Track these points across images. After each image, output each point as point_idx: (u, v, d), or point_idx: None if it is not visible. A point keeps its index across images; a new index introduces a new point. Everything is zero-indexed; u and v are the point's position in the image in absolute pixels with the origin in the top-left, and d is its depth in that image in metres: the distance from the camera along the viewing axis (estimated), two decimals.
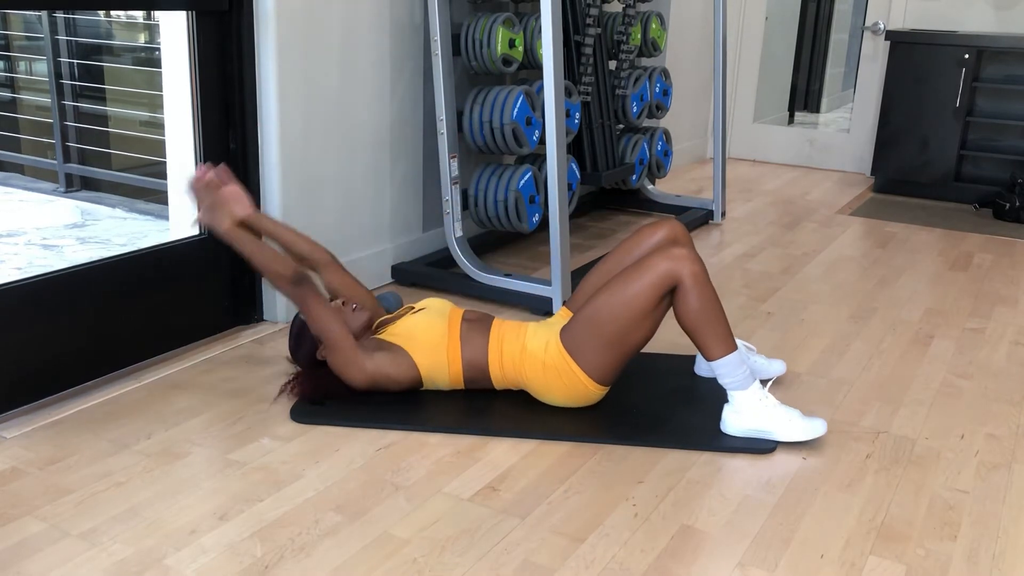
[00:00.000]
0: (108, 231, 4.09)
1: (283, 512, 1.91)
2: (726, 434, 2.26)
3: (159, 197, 4.11)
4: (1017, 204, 4.61)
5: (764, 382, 2.53)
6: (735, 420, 2.24)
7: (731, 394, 2.24)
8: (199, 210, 2.31)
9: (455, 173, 3.26)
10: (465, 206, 3.46)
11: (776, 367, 2.59)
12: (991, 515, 1.99)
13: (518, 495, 2.00)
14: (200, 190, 2.30)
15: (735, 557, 1.81)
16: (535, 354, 2.29)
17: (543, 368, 2.29)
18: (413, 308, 2.46)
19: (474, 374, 2.36)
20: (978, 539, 1.90)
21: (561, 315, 2.45)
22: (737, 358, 2.20)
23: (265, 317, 2.96)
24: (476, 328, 2.37)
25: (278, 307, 2.92)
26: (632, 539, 1.86)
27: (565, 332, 2.27)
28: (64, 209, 4.23)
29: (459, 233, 3.30)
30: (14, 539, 1.79)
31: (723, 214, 4.44)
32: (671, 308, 2.24)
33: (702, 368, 2.59)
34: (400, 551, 1.79)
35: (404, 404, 2.37)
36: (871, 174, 5.26)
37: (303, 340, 2.39)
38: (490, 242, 3.77)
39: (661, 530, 1.89)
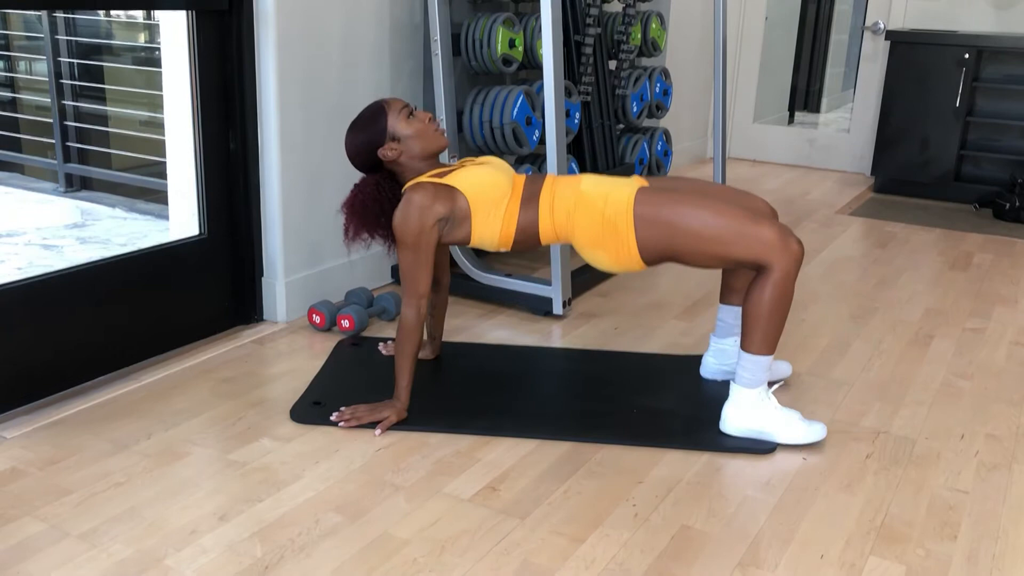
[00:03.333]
0: (108, 231, 4.09)
1: (283, 512, 1.91)
2: (725, 433, 2.26)
3: (159, 197, 4.11)
4: (1017, 204, 4.61)
5: (770, 384, 2.53)
6: (735, 418, 2.24)
7: (735, 389, 2.24)
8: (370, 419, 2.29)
9: None
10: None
11: (782, 369, 2.60)
12: (991, 515, 1.99)
13: (518, 495, 2.00)
14: (353, 422, 2.28)
15: (735, 557, 1.81)
16: (593, 203, 2.19)
17: (601, 220, 2.18)
18: (474, 160, 2.37)
19: (523, 235, 2.28)
20: (978, 539, 1.90)
21: (633, 180, 2.31)
22: (768, 362, 2.20)
23: (265, 317, 2.96)
24: (533, 187, 2.28)
25: (278, 307, 2.92)
26: (632, 539, 1.86)
27: (642, 206, 2.15)
28: (64, 209, 4.23)
29: None
30: (14, 539, 1.79)
31: None
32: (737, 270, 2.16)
33: (708, 370, 2.59)
34: (400, 551, 1.79)
35: None
36: (871, 174, 5.26)
37: (369, 125, 2.28)
38: None
39: (661, 530, 1.89)
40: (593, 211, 2.19)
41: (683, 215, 2.13)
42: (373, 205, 2.32)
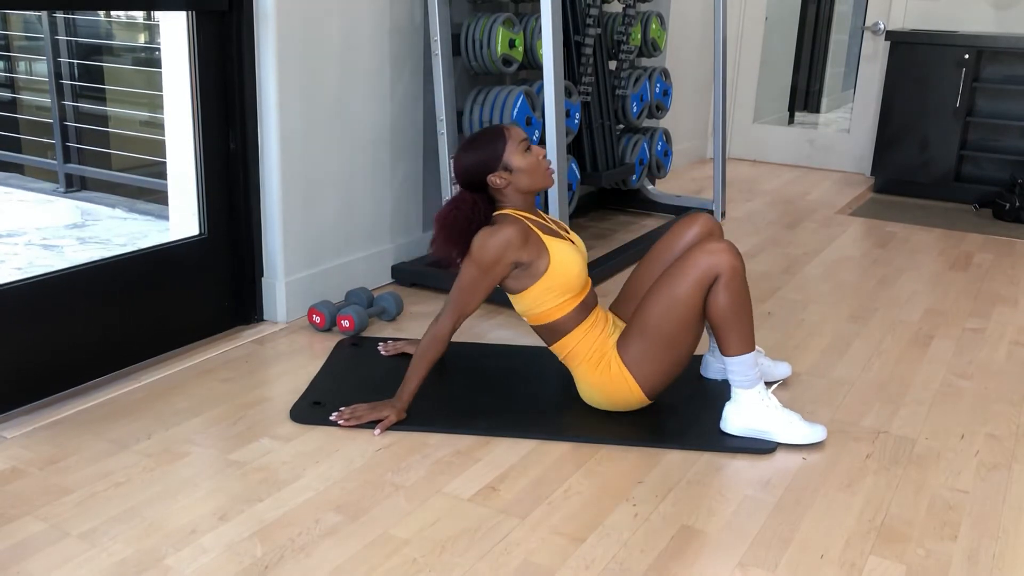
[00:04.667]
0: (108, 231, 4.09)
1: (283, 512, 1.91)
2: (725, 432, 2.26)
3: (159, 197, 4.11)
4: (1017, 204, 4.61)
5: (769, 384, 2.53)
6: (736, 418, 2.24)
7: (735, 391, 2.24)
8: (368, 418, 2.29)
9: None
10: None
11: (782, 369, 2.60)
12: (991, 515, 1.99)
13: (518, 495, 2.00)
14: (353, 421, 2.27)
15: (735, 557, 1.81)
16: (594, 354, 2.28)
17: (595, 370, 2.28)
18: (566, 228, 2.40)
19: (548, 330, 2.31)
20: (978, 539, 1.90)
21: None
22: (753, 358, 2.21)
23: (265, 317, 2.96)
24: (588, 304, 2.32)
25: (278, 307, 2.92)
26: (632, 539, 1.86)
27: (621, 342, 2.26)
28: (64, 209, 4.23)
29: None
30: (14, 539, 1.79)
31: (723, 214, 4.44)
32: None
33: (709, 370, 2.59)
34: (400, 551, 1.79)
35: None
36: (871, 174, 5.26)
37: (487, 147, 2.27)
38: None
39: (661, 530, 1.89)
40: (591, 365, 2.28)
41: (643, 314, 2.22)
42: (466, 224, 2.27)
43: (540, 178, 2.29)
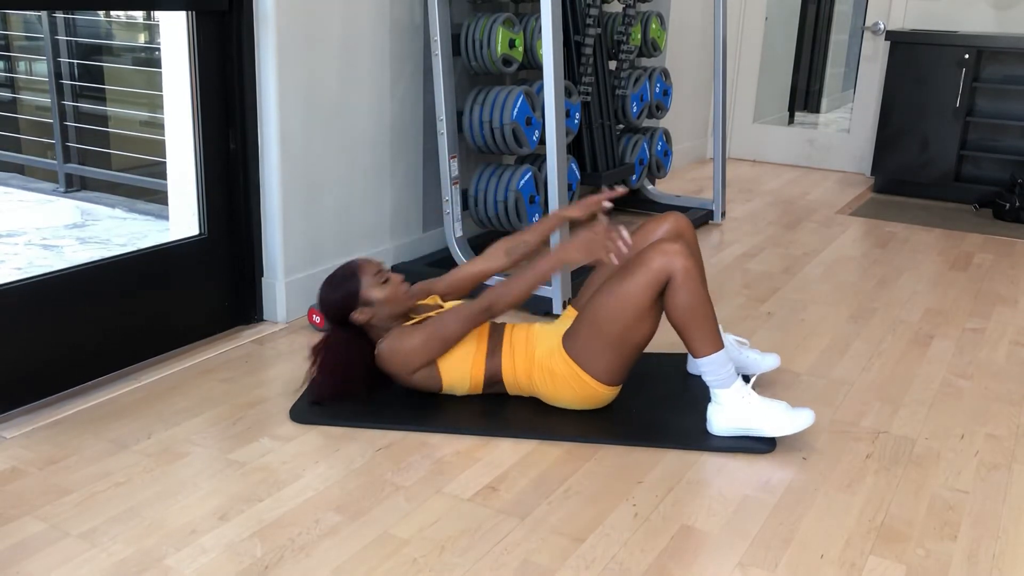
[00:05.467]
0: (108, 231, 4.09)
1: (283, 512, 1.91)
2: (712, 434, 2.25)
3: (159, 197, 4.11)
4: (1017, 204, 4.61)
5: (747, 378, 2.53)
6: (720, 418, 2.24)
7: (715, 392, 2.24)
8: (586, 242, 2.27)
9: (455, 173, 3.26)
10: (465, 206, 3.46)
11: (770, 361, 2.58)
12: (991, 515, 1.99)
13: (518, 495, 2.00)
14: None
15: (735, 557, 1.81)
16: (542, 363, 2.29)
17: (552, 376, 2.28)
18: (441, 306, 2.43)
19: (492, 383, 2.36)
20: (978, 539, 1.90)
21: (567, 315, 2.45)
22: (722, 357, 2.20)
23: (265, 317, 2.96)
24: (496, 337, 2.36)
25: (278, 307, 2.92)
26: (632, 539, 1.86)
27: (567, 338, 2.27)
28: (64, 209, 4.23)
29: (459, 233, 3.30)
30: (14, 539, 1.79)
31: (723, 214, 4.44)
32: None
33: (693, 367, 2.59)
34: (400, 551, 1.79)
35: (404, 404, 2.37)
36: (871, 174, 5.26)
37: (341, 288, 2.31)
38: (490, 242, 3.77)
39: (661, 530, 1.89)
40: (543, 372, 2.31)
41: (592, 310, 2.22)
42: (346, 364, 2.33)
43: (401, 305, 2.34)
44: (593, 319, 2.22)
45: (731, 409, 2.22)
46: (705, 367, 2.21)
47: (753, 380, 2.32)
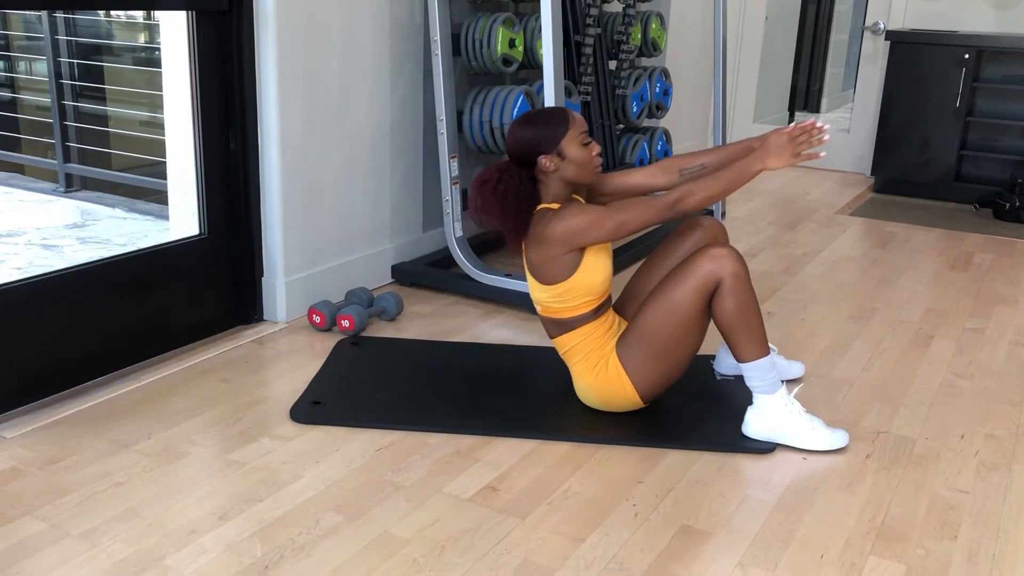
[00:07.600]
0: (108, 231, 4.09)
1: (283, 512, 1.91)
2: (746, 436, 2.25)
3: (159, 197, 4.10)
4: (1017, 204, 4.61)
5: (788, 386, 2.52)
6: (757, 423, 2.23)
7: (756, 397, 2.23)
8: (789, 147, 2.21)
9: (455, 173, 3.26)
10: (465, 206, 3.46)
11: (795, 369, 2.60)
12: (991, 515, 1.99)
13: (518, 495, 2.00)
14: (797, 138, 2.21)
15: (735, 557, 1.81)
16: (590, 357, 2.28)
17: (594, 372, 2.28)
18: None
19: (555, 324, 2.29)
20: (978, 539, 1.90)
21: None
22: (768, 362, 2.19)
23: (265, 317, 2.96)
24: (606, 302, 2.30)
25: (278, 307, 2.92)
26: (632, 539, 1.86)
27: (620, 344, 2.25)
28: (64, 209, 4.23)
29: (459, 233, 3.30)
30: (14, 539, 1.79)
31: (723, 214, 4.44)
32: None
33: (723, 366, 2.59)
34: (400, 551, 1.79)
35: (404, 404, 2.37)
36: (871, 174, 5.26)
37: (545, 127, 2.19)
38: (490, 242, 3.77)
39: (661, 530, 1.89)
40: (589, 364, 2.27)
41: (642, 318, 2.20)
42: (511, 198, 2.21)
43: (587, 175, 2.24)
44: (644, 328, 2.20)
45: (771, 416, 2.21)
46: (751, 372, 2.20)
47: (796, 391, 2.31)
